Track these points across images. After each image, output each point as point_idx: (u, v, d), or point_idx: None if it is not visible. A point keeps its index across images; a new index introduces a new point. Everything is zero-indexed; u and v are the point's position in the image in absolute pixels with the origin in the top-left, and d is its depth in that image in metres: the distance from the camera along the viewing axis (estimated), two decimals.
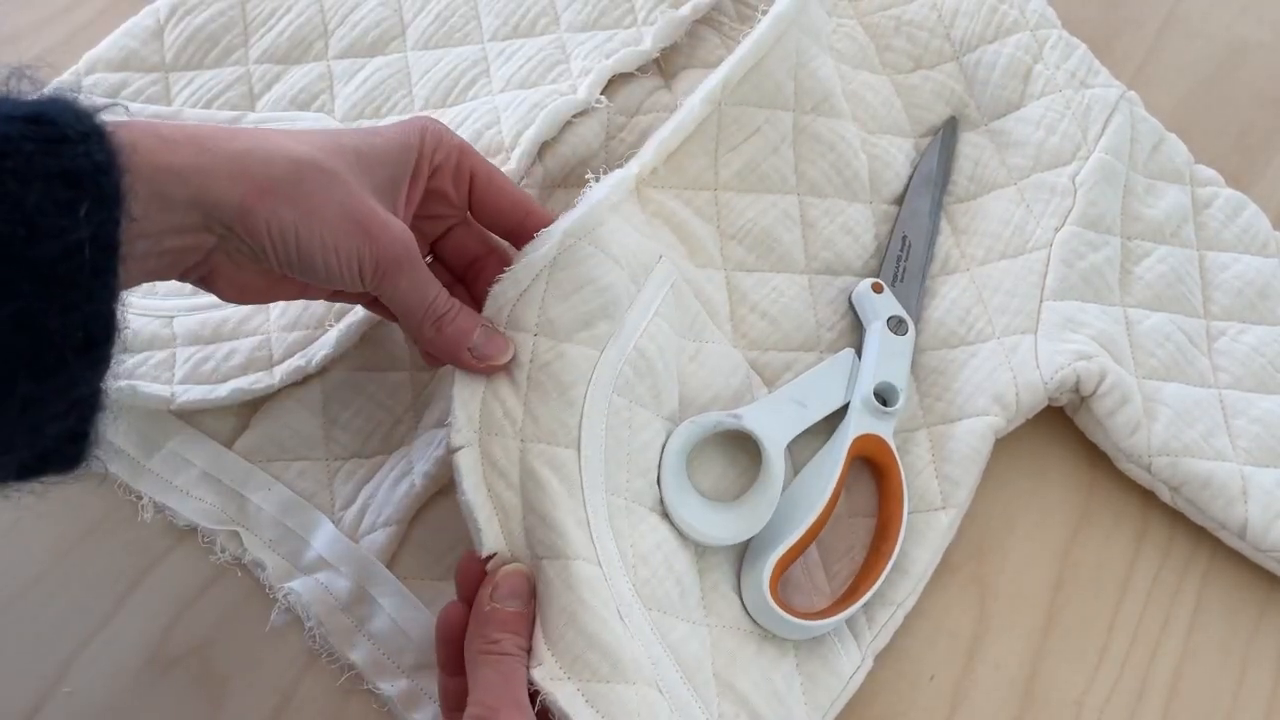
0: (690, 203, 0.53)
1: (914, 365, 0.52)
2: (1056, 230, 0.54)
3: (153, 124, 0.38)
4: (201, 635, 0.48)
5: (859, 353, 0.52)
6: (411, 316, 0.44)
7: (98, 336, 0.35)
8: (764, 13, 0.55)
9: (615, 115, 0.56)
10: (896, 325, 0.52)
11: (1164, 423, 0.51)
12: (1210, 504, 0.50)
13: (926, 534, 0.49)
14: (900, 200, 0.56)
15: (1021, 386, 0.51)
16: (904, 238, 0.55)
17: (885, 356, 0.51)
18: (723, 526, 0.46)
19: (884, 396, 0.50)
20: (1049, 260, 0.54)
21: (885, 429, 0.50)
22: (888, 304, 0.52)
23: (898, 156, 0.57)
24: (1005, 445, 0.52)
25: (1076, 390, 0.51)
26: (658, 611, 0.44)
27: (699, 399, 0.49)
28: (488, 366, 0.44)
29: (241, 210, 0.39)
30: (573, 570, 0.42)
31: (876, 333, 0.52)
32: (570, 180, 0.55)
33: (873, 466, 0.51)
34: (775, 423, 0.48)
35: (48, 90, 0.36)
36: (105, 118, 0.36)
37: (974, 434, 0.51)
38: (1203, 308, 0.55)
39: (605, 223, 0.47)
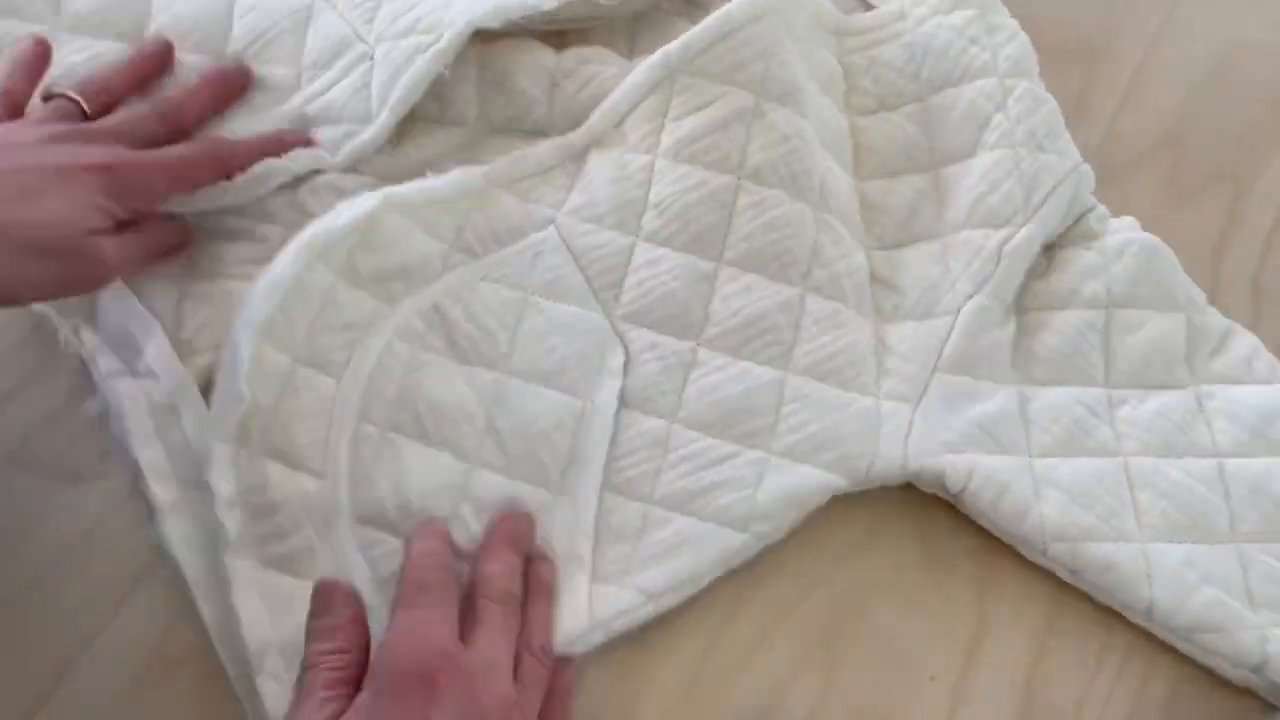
0: (625, 167, 0.54)
1: (785, 385, 0.51)
2: (968, 298, 0.53)
3: None
4: (201, 635, 0.48)
5: None
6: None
7: None
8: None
9: (565, 60, 0.56)
10: None
11: (1056, 506, 0.49)
12: (1113, 588, 0.49)
13: (710, 545, 0.49)
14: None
15: (880, 460, 0.50)
16: None
17: None
18: None
19: None
20: (952, 328, 0.52)
21: None
22: None
23: (843, 182, 0.55)
24: None
25: (943, 485, 0.50)
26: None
27: (542, 363, 0.51)
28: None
29: None
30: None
31: None
32: (511, 127, 0.57)
33: None
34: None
35: None
36: None
37: (805, 482, 0.50)
38: (1104, 376, 0.53)
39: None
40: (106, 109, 0.53)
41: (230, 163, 0.52)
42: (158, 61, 0.55)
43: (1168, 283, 0.54)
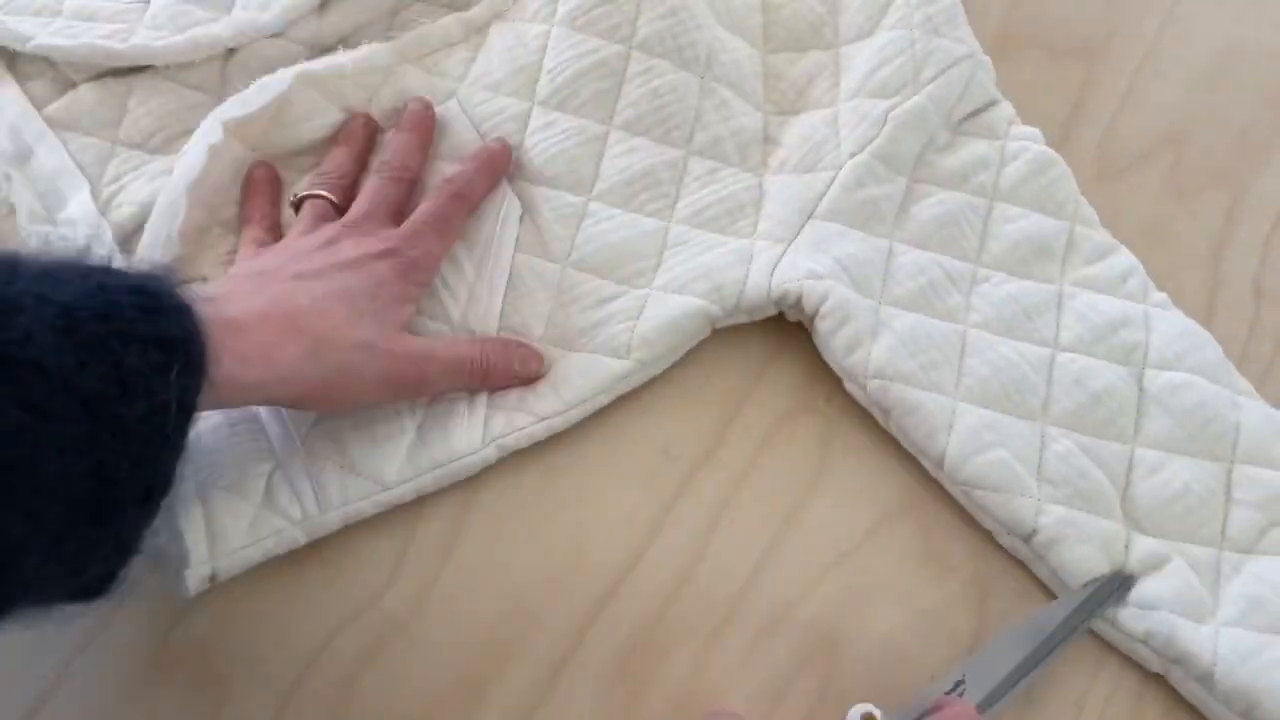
0: (522, 36, 0.57)
1: (668, 233, 0.55)
2: (852, 156, 0.56)
3: (225, 325, 0.42)
4: (201, 635, 0.48)
5: None
6: (462, 387, 0.52)
7: (157, 489, 0.39)
8: None
9: None
10: None
11: (885, 347, 0.52)
12: (914, 431, 0.51)
13: (596, 371, 0.52)
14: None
15: (749, 287, 0.53)
16: None
17: None
18: None
19: None
20: (832, 182, 0.55)
21: None
22: None
23: (738, 52, 0.58)
24: None
25: (800, 306, 0.53)
26: None
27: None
28: (538, 376, 0.52)
29: (296, 401, 0.48)
30: None
31: None
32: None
33: None
34: None
35: None
36: (191, 296, 0.41)
37: (682, 309, 0.53)
38: (975, 254, 0.55)
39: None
40: (350, 192, 0.54)
41: (472, 197, 0.55)
42: (370, 132, 0.57)
43: (1058, 194, 0.57)
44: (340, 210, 0.53)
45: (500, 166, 0.56)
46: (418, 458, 0.50)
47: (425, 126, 0.56)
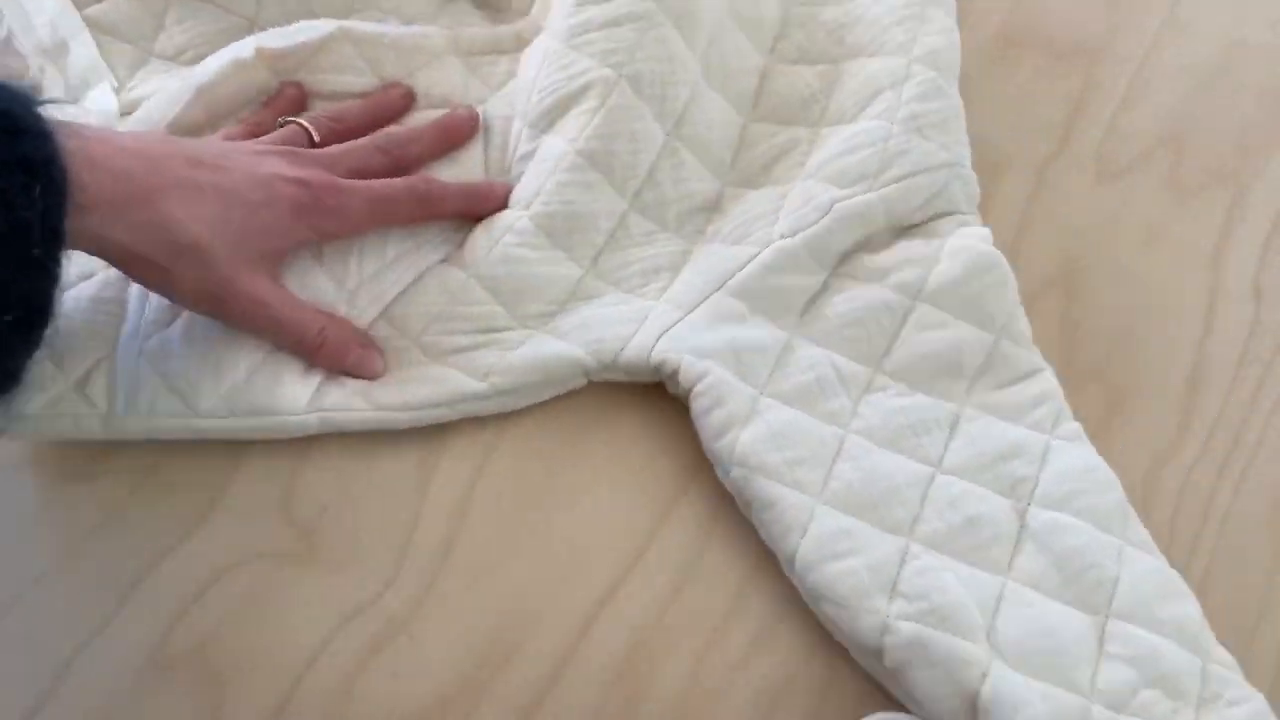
0: (534, 51, 0.57)
1: (580, 282, 0.54)
2: (782, 237, 0.54)
3: (88, 153, 0.42)
4: (201, 635, 0.48)
5: None
6: (284, 349, 0.51)
7: (35, 315, 0.40)
8: None
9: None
10: None
11: (753, 436, 0.49)
12: (770, 526, 0.48)
13: (449, 384, 0.51)
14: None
15: (630, 347, 0.52)
16: None
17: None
18: None
19: None
20: (752, 259, 0.53)
21: None
22: None
23: (718, 115, 0.57)
24: None
25: (676, 380, 0.51)
26: None
27: None
28: (366, 375, 0.51)
29: (119, 266, 0.47)
30: None
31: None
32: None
33: None
34: None
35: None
36: (55, 116, 0.41)
37: (554, 352, 0.52)
38: (877, 359, 0.52)
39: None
40: (335, 138, 0.54)
41: (434, 206, 0.53)
42: (397, 106, 0.57)
43: (990, 303, 0.53)
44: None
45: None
46: (236, 398, 0.50)
47: (455, 136, 0.56)
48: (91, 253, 0.46)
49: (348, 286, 0.53)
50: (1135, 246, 0.57)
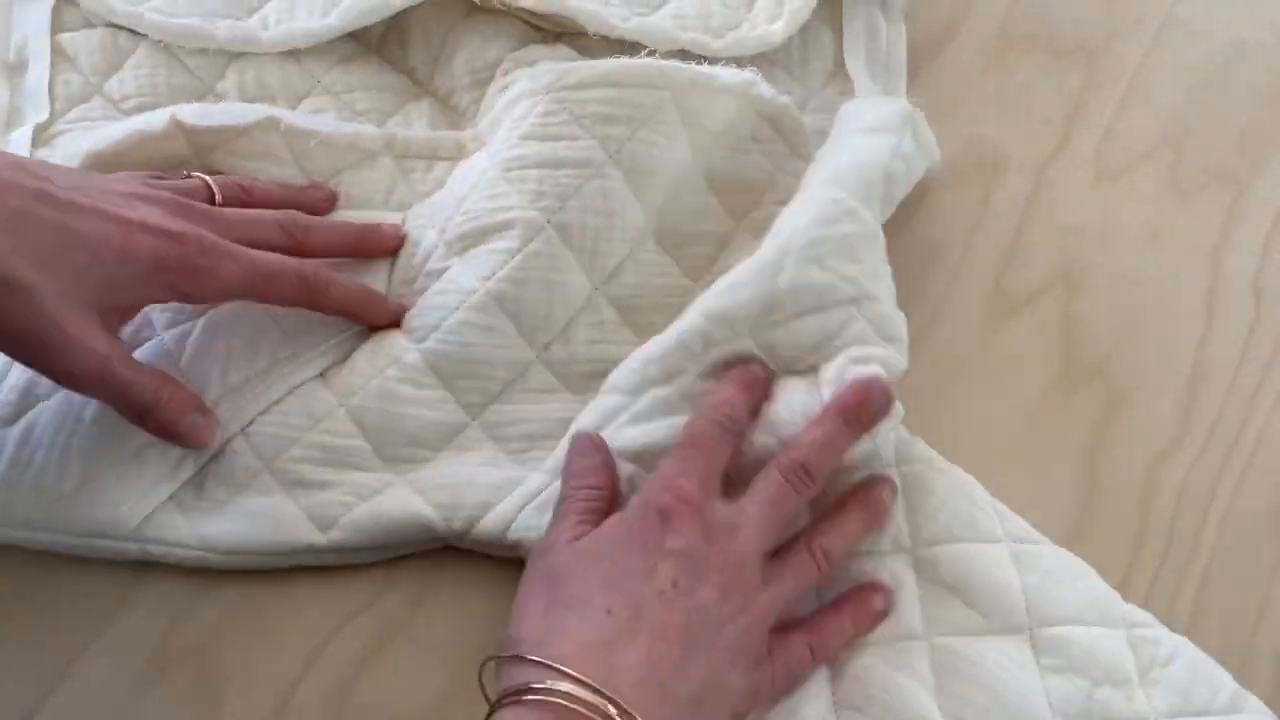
0: (470, 166, 0.54)
1: (464, 431, 0.50)
2: (656, 385, 0.48)
3: None
4: (201, 635, 0.48)
5: None
6: (110, 405, 0.47)
7: None
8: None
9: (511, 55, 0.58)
10: None
11: None
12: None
13: (285, 529, 0.48)
14: None
15: (493, 515, 0.48)
16: None
17: None
18: None
19: None
20: (623, 409, 0.48)
21: None
22: None
23: (657, 277, 0.53)
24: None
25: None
26: None
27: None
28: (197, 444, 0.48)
29: None
30: None
31: None
32: (434, 92, 0.60)
33: None
34: None
35: None
36: None
37: (405, 509, 0.48)
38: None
39: None
40: (238, 205, 0.50)
41: (319, 295, 0.49)
42: (316, 205, 0.53)
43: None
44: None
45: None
46: (58, 511, 0.47)
47: (371, 245, 0.52)
48: None
49: (209, 396, 0.49)
50: (1135, 246, 0.57)
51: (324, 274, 0.49)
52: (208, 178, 0.51)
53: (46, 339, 0.43)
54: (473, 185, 0.52)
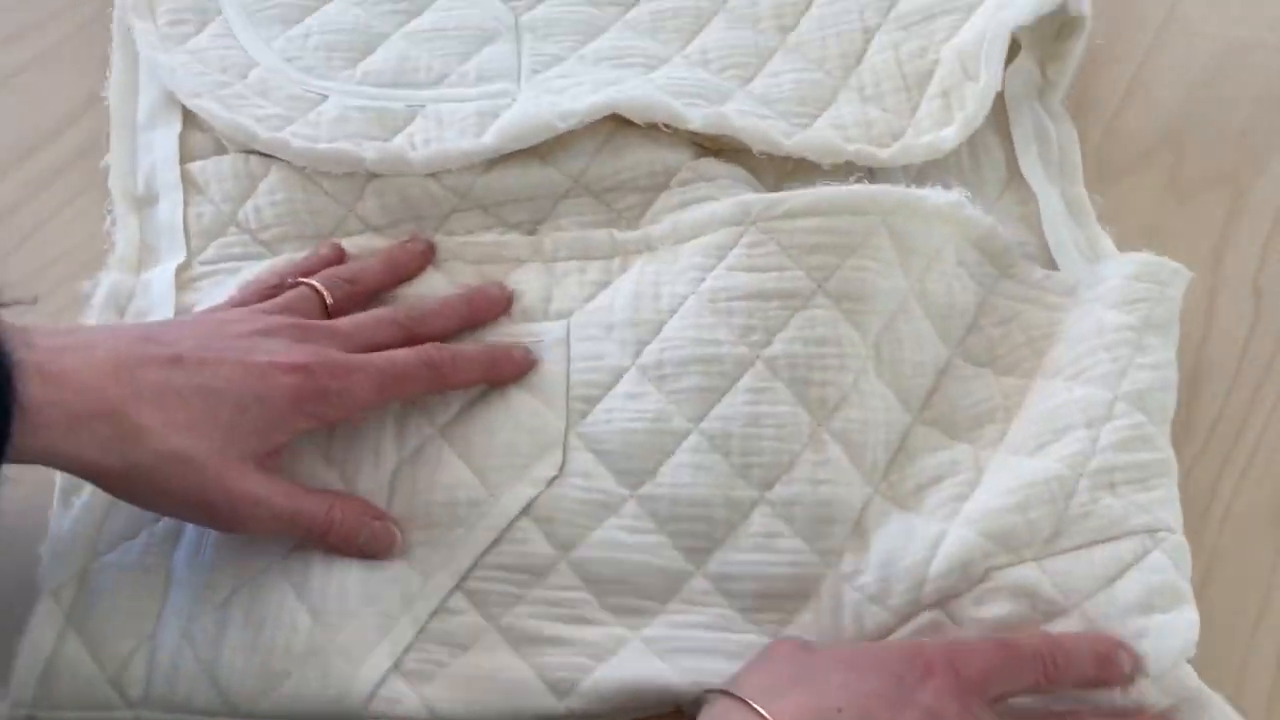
0: (659, 288, 0.52)
1: (690, 580, 0.47)
2: (927, 609, 0.46)
3: (41, 375, 0.40)
4: None
5: None
6: (297, 540, 0.47)
7: None
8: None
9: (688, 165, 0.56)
10: None
11: None
12: None
13: (518, 697, 0.45)
14: None
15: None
16: None
17: None
18: None
19: None
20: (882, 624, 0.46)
21: None
22: None
23: (883, 411, 0.50)
24: None
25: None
26: None
27: (474, 438, 0.50)
28: (382, 555, 0.47)
29: (94, 481, 0.44)
30: None
31: None
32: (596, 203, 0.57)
33: None
34: None
35: None
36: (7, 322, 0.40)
37: (651, 676, 0.45)
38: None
39: None
40: (351, 301, 0.51)
41: (449, 376, 0.49)
42: (415, 261, 0.54)
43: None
44: (328, 315, 0.50)
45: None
46: (281, 696, 0.44)
47: (482, 312, 0.52)
48: (60, 468, 0.44)
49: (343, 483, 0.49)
50: (1135, 246, 0.57)
51: (446, 352, 0.49)
52: (315, 282, 0.51)
53: (213, 499, 0.44)
54: (667, 310, 0.51)
